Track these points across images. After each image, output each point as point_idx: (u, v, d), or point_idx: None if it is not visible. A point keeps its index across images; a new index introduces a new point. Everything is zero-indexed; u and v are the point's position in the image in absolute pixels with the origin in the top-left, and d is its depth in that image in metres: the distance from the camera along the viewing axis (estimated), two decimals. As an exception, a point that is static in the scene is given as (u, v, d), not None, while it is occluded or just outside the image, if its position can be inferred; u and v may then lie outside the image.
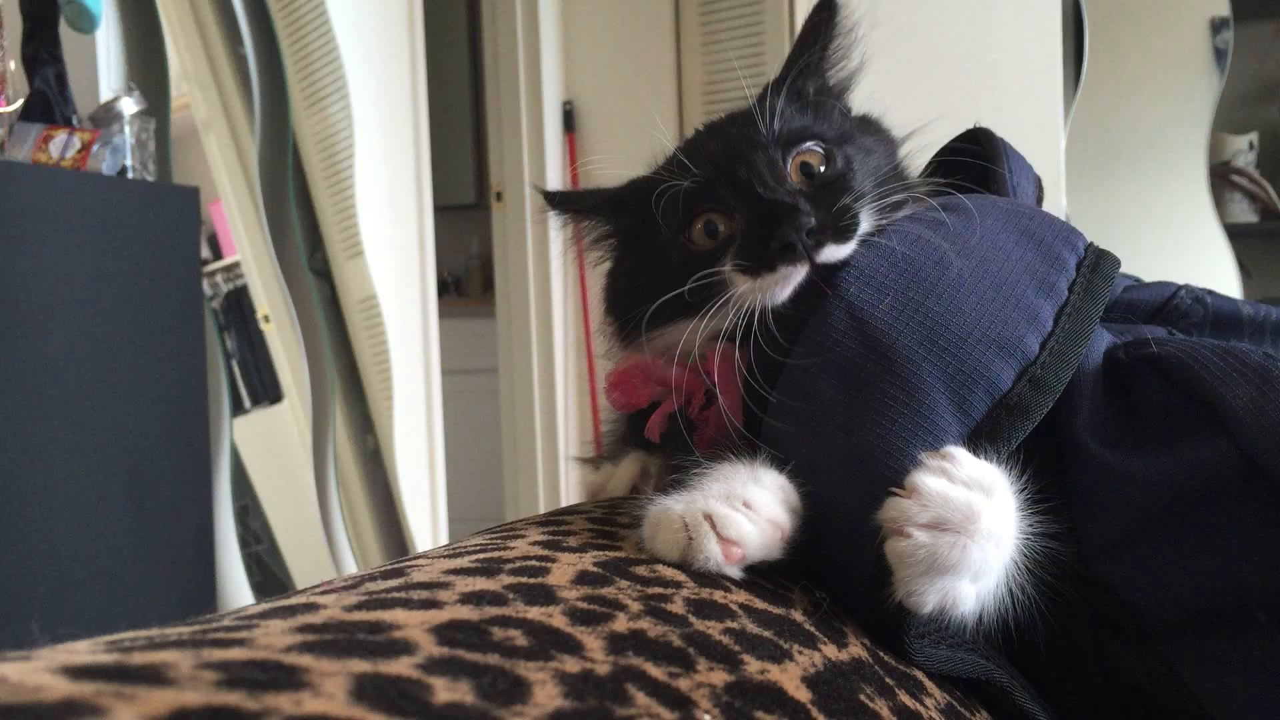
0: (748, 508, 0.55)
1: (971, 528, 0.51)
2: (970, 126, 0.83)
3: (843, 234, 0.64)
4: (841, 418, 0.59)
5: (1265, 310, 0.76)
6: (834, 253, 0.64)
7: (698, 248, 0.69)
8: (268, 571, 2.54)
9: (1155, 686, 0.59)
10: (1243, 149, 3.39)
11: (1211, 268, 3.00)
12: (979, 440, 0.57)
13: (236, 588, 2.41)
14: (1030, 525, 0.55)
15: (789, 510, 0.57)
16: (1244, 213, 3.37)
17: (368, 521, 2.77)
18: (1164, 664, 0.57)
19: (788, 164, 0.69)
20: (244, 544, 2.49)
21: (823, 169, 0.69)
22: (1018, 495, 0.55)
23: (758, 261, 0.64)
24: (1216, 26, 3.14)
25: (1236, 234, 3.13)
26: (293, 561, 2.56)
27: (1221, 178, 3.34)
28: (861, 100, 0.80)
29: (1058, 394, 0.59)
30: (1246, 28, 3.26)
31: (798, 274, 0.63)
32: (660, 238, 0.71)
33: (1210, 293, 0.76)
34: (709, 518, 0.54)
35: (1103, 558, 0.58)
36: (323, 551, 2.58)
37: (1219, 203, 3.18)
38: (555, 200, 0.78)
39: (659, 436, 0.71)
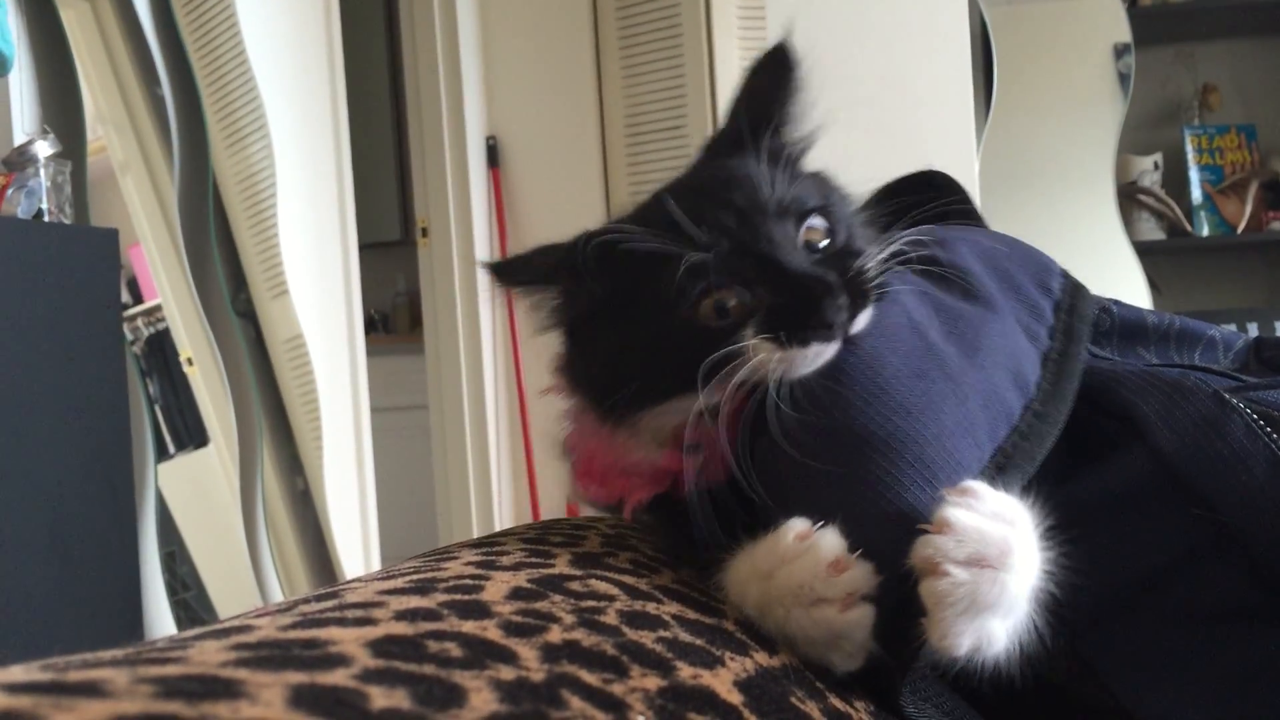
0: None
1: (1008, 561, 0.50)
2: (923, 169, 0.86)
3: (865, 299, 0.63)
4: (903, 399, 0.59)
5: (1168, 319, 0.79)
6: (862, 321, 0.63)
7: (705, 323, 0.64)
8: (196, 618, 2.49)
9: (1074, 685, 0.60)
10: (1148, 169, 3.51)
11: (1123, 285, 3.09)
12: (1000, 470, 0.58)
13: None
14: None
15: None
16: (1152, 231, 3.49)
17: (299, 564, 2.73)
18: (1081, 662, 0.59)
19: (799, 236, 0.66)
20: (171, 591, 2.44)
21: (825, 242, 0.66)
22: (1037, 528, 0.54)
23: (790, 335, 0.61)
24: (1119, 52, 3.25)
25: (1145, 251, 3.24)
26: (222, 607, 2.52)
27: (1129, 197, 3.45)
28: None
29: (1058, 424, 0.61)
30: (1147, 52, 3.38)
31: (830, 350, 0.61)
32: (647, 309, 0.66)
33: (1116, 302, 0.79)
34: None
35: None
36: (253, 596, 2.53)
37: (1127, 222, 3.28)
38: (505, 272, 0.71)
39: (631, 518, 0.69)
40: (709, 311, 0.63)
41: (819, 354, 0.61)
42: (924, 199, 0.79)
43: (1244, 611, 0.57)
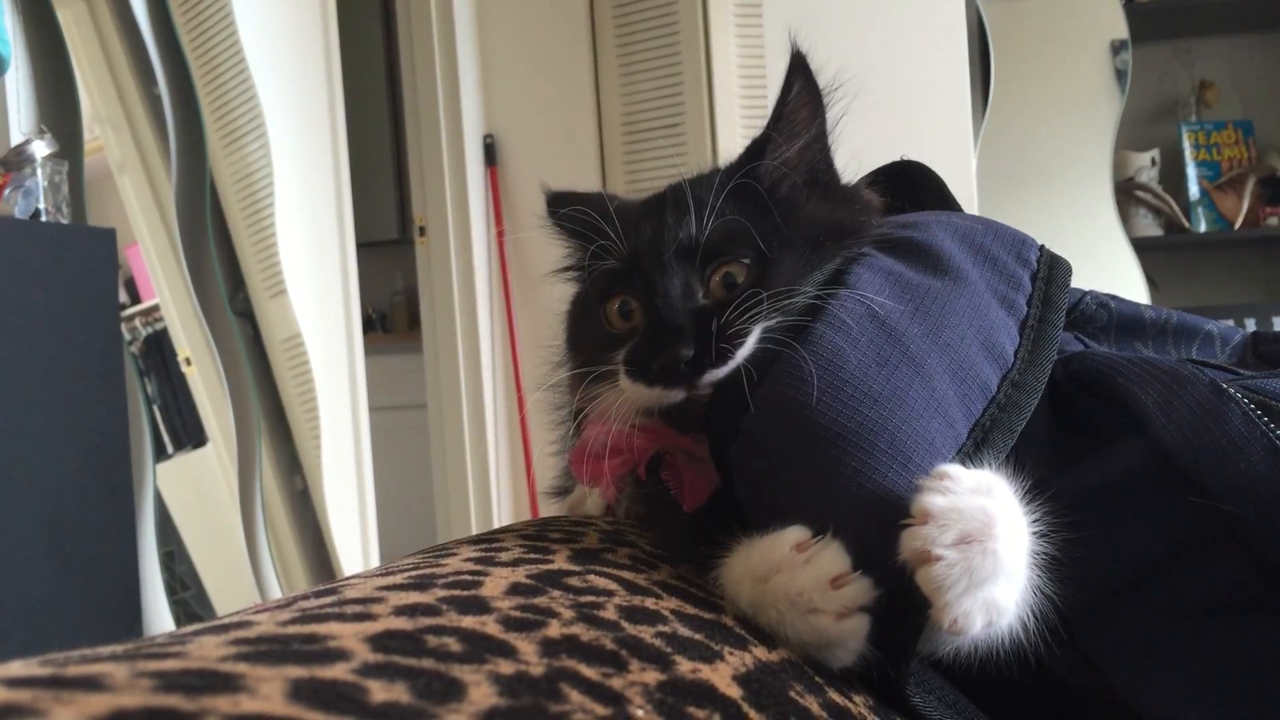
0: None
1: (992, 531, 0.51)
2: (898, 159, 0.87)
3: (722, 358, 0.62)
4: (869, 394, 0.58)
5: (1165, 313, 0.79)
6: (714, 375, 0.62)
7: (611, 326, 0.68)
8: (195, 617, 2.49)
9: (1075, 678, 0.60)
10: (1145, 165, 3.51)
11: (1121, 281, 3.10)
12: (979, 446, 0.58)
13: (164, 636, 2.35)
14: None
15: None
16: (1149, 227, 3.49)
17: (297, 563, 2.73)
18: (1081, 655, 0.59)
19: (707, 275, 0.66)
20: (170, 591, 2.44)
21: (744, 279, 0.66)
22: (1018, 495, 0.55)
23: (640, 372, 0.64)
24: (1116, 48, 3.25)
25: (1143, 247, 3.24)
26: (221, 606, 2.52)
27: (1126, 194, 3.45)
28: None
29: (1037, 393, 0.62)
30: (1144, 48, 3.38)
31: (674, 396, 0.63)
32: (590, 295, 0.70)
33: (1114, 298, 0.80)
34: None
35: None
36: (252, 595, 2.53)
37: (1125, 218, 3.29)
38: (554, 203, 0.76)
39: (614, 498, 0.71)
40: (615, 315, 0.68)
41: (662, 396, 0.63)
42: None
43: (1243, 602, 0.57)
